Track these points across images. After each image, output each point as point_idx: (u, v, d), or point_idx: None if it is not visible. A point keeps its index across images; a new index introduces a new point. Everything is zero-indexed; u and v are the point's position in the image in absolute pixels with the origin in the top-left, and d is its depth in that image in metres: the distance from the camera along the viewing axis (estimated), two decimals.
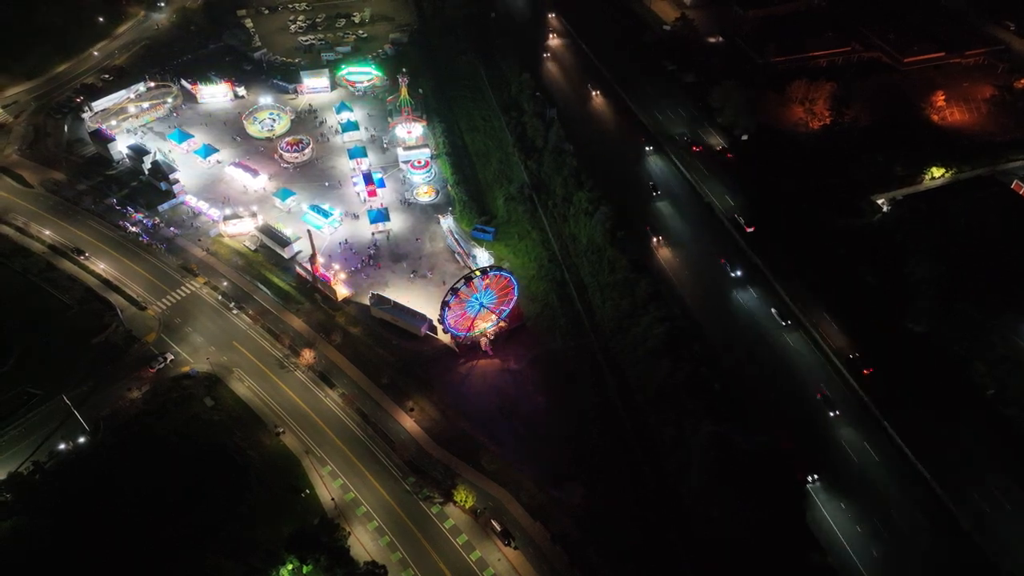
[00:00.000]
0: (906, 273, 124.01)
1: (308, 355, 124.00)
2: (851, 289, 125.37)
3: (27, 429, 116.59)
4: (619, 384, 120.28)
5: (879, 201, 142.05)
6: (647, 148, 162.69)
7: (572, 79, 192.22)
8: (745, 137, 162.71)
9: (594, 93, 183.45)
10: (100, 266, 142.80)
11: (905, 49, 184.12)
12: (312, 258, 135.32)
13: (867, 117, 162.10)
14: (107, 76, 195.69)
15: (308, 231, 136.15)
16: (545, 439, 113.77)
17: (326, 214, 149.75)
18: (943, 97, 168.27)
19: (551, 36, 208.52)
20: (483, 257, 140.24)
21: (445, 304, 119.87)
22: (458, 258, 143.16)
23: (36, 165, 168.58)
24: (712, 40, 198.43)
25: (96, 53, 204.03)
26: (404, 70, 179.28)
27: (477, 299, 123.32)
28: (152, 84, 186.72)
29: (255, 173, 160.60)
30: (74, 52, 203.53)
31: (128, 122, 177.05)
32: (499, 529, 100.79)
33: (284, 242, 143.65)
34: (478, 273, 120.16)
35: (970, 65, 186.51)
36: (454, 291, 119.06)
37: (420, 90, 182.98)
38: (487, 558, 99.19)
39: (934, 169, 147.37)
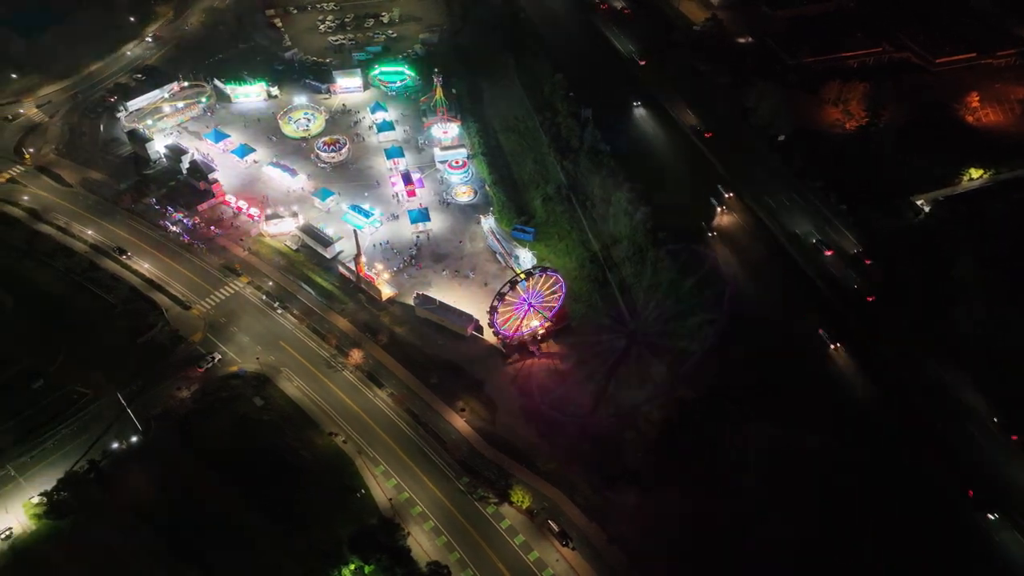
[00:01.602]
0: (953, 275, 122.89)
1: (356, 355, 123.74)
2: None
3: (78, 428, 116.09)
4: (668, 385, 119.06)
5: (919, 202, 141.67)
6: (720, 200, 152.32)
7: (607, 81, 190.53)
8: (782, 138, 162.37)
9: (635, 105, 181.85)
10: (143, 266, 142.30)
11: (936, 50, 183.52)
12: (357, 258, 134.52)
13: (901, 118, 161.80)
14: (139, 76, 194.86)
15: (355, 231, 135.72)
16: (596, 439, 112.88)
17: (367, 214, 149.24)
18: (977, 98, 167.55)
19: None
20: (526, 257, 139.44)
21: (494, 309, 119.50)
22: (500, 258, 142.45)
23: (73, 164, 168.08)
24: (741, 41, 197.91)
25: (128, 53, 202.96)
26: (437, 70, 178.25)
27: (525, 300, 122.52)
28: (185, 84, 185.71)
29: (293, 173, 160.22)
30: (106, 52, 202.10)
31: (163, 121, 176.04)
32: (557, 530, 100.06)
33: (326, 242, 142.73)
34: (523, 277, 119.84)
35: (1001, 66, 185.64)
36: (500, 296, 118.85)
37: (454, 90, 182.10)
38: (545, 558, 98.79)
39: (972, 170, 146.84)
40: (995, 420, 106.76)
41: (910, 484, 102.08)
